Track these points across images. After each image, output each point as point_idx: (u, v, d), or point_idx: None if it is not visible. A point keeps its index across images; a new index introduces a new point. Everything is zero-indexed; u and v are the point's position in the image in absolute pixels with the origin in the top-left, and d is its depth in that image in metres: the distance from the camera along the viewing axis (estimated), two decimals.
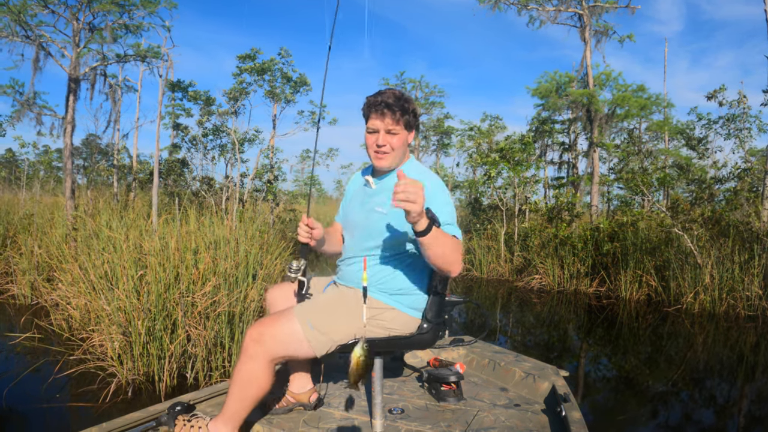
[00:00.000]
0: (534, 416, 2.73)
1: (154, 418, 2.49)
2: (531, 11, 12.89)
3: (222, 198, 13.09)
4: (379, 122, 2.27)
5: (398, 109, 2.25)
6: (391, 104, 2.24)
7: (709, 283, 8.22)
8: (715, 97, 12.61)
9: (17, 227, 8.08)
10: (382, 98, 2.25)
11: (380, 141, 2.28)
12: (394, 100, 2.26)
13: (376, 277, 2.35)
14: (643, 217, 10.60)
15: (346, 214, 2.60)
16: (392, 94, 2.27)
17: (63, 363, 4.28)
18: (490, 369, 3.44)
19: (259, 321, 2.26)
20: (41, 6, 7.75)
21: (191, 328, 4.17)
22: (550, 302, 8.86)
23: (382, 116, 2.25)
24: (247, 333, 2.20)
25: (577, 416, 2.50)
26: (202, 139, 13.74)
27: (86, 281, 4.63)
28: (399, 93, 2.30)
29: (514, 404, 2.90)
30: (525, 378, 3.17)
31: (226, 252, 4.87)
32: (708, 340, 6.51)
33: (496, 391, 3.13)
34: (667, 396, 4.49)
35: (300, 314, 2.25)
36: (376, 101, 2.26)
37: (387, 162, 2.33)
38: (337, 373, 3.27)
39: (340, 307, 2.32)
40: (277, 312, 2.34)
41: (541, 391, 3.03)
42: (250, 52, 11.86)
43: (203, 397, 2.80)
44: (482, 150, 15.85)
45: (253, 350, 2.17)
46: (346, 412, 2.71)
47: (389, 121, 2.25)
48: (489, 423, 2.63)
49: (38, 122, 8.79)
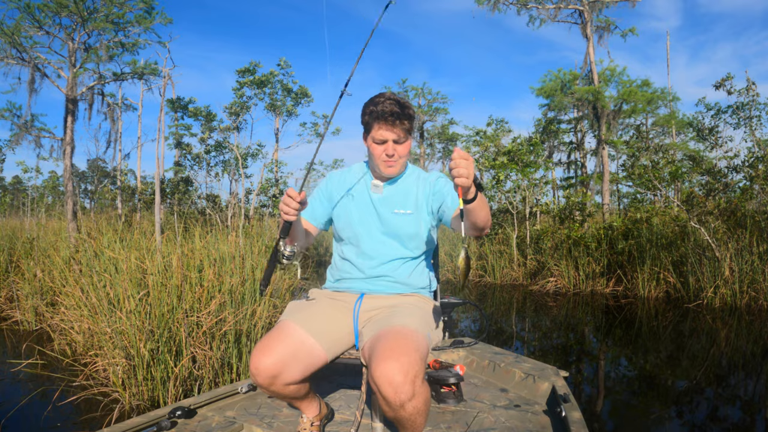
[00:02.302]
0: (534, 417, 2.74)
1: (154, 422, 2.47)
2: (531, 10, 12.77)
3: (228, 215, 12.97)
4: (388, 133, 2.25)
5: (405, 118, 2.25)
6: (398, 114, 2.22)
7: (729, 277, 8.10)
8: (723, 85, 12.43)
9: (20, 252, 7.98)
10: (389, 108, 2.21)
11: (390, 151, 2.28)
12: (400, 108, 2.23)
13: (404, 275, 2.40)
14: (657, 213, 10.43)
15: (348, 220, 2.44)
16: (395, 102, 2.24)
17: (65, 389, 4.12)
18: (490, 370, 3.45)
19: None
20: (35, 28, 7.68)
21: (196, 349, 4.00)
22: (566, 305, 8.67)
23: (391, 126, 2.23)
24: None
25: (578, 416, 2.50)
26: (205, 156, 13.65)
27: (88, 304, 4.48)
28: (400, 99, 2.28)
29: (514, 405, 2.91)
30: (525, 379, 3.18)
31: (231, 268, 4.71)
32: (731, 334, 6.37)
33: (496, 392, 3.14)
34: (692, 394, 4.38)
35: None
36: (383, 111, 2.21)
37: (397, 170, 2.35)
38: (336, 375, 3.22)
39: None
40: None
41: (541, 392, 3.04)
42: (249, 66, 11.76)
43: (204, 401, 2.78)
44: (489, 154, 15.70)
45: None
46: (346, 416, 2.72)
47: (399, 132, 2.25)
48: (489, 424, 2.64)
49: (37, 145, 8.71)
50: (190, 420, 2.61)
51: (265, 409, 2.80)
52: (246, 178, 13.07)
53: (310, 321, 2.24)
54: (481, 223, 2.02)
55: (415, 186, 2.41)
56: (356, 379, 2.97)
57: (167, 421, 2.45)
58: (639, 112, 13.06)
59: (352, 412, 2.79)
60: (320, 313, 2.31)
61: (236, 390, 2.98)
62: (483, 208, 1.96)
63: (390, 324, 2.08)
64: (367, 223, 2.41)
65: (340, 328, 2.28)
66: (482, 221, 2.01)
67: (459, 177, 1.75)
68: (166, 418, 2.48)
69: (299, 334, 2.16)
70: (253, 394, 3.01)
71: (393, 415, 1.89)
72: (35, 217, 12.55)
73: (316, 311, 2.32)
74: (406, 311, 2.22)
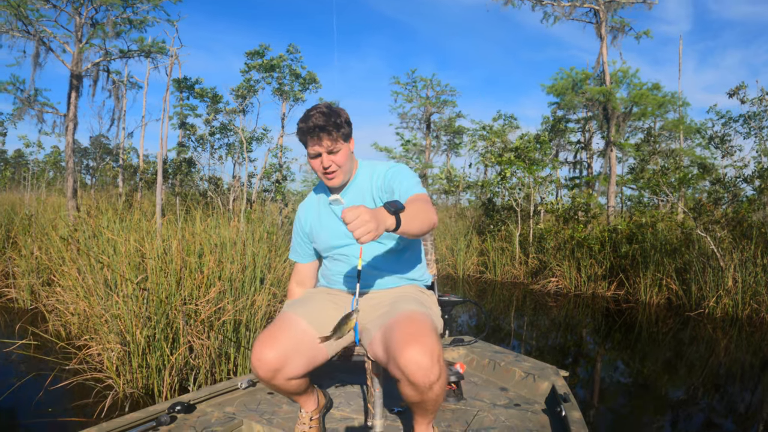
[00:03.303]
0: (534, 416, 2.75)
1: (153, 418, 2.48)
2: (546, 7, 12.60)
3: (229, 198, 12.86)
4: (318, 147, 2.26)
5: (332, 128, 2.24)
6: (323, 126, 2.22)
7: (732, 287, 8.01)
8: (737, 94, 12.32)
9: (18, 228, 7.88)
10: (313, 123, 2.22)
11: (325, 163, 2.29)
12: (324, 120, 2.22)
13: (394, 267, 2.41)
14: (663, 218, 10.34)
15: (328, 243, 2.49)
16: (320, 115, 2.23)
17: (58, 374, 4.03)
18: (490, 369, 3.46)
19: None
20: (42, 1, 7.53)
21: (194, 338, 3.91)
22: (566, 306, 8.62)
23: (319, 140, 2.24)
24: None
25: (577, 416, 2.51)
26: (209, 138, 13.52)
27: (84, 286, 4.39)
28: (326, 109, 2.27)
29: (514, 404, 2.92)
30: (525, 378, 3.19)
31: (232, 255, 4.62)
32: (731, 345, 6.34)
33: (496, 391, 3.15)
34: (687, 403, 4.37)
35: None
36: (308, 127, 2.23)
37: (339, 179, 2.35)
38: (336, 372, 3.26)
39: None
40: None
41: (541, 391, 3.05)
42: (258, 49, 11.60)
43: (203, 396, 2.78)
44: (495, 150, 15.58)
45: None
46: (346, 412, 2.73)
47: (327, 143, 2.25)
48: (489, 423, 2.65)
49: (40, 120, 8.57)
50: (190, 415, 2.60)
51: (265, 405, 2.79)
52: (250, 162, 12.94)
53: (312, 314, 2.25)
54: (418, 230, 1.97)
55: (369, 182, 2.41)
56: (354, 376, 2.92)
57: (166, 416, 2.45)
58: (648, 115, 12.94)
59: (352, 408, 2.79)
60: (321, 307, 2.32)
61: (236, 386, 2.97)
62: (412, 222, 1.92)
63: (398, 312, 2.08)
64: (340, 237, 2.43)
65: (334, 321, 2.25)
66: (418, 229, 1.96)
67: (365, 236, 1.71)
68: (166, 413, 2.48)
69: (303, 326, 2.17)
70: (253, 389, 3.00)
71: (419, 399, 1.92)
72: (36, 192, 12.43)
73: (317, 305, 2.32)
74: (408, 299, 2.23)
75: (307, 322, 2.18)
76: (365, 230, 1.69)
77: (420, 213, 1.98)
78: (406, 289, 2.40)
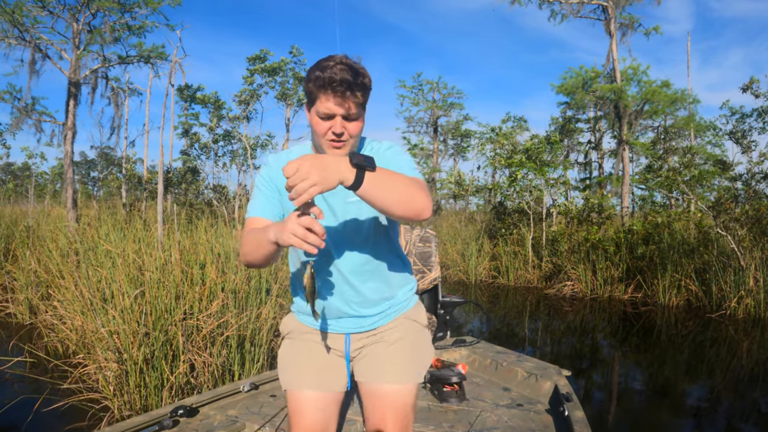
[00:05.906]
0: (537, 416, 2.75)
1: (156, 421, 2.45)
2: (553, 5, 12.38)
3: (234, 206, 12.68)
4: (336, 107, 1.68)
5: (359, 89, 1.67)
6: (350, 82, 1.65)
7: (753, 287, 7.86)
8: (750, 88, 12.09)
9: (18, 241, 7.71)
10: (339, 74, 1.64)
11: (338, 128, 1.70)
12: (353, 75, 1.66)
13: (385, 276, 1.92)
14: (680, 218, 10.08)
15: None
16: (348, 67, 1.66)
17: (52, 393, 3.81)
18: (492, 369, 3.45)
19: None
20: (38, 8, 7.37)
21: (195, 355, 3.68)
22: (582, 310, 8.40)
23: (342, 99, 1.66)
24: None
25: (580, 416, 2.50)
26: (213, 146, 13.37)
27: (81, 300, 4.17)
28: (354, 64, 1.70)
29: (516, 404, 2.92)
30: (527, 378, 3.19)
31: (236, 265, 4.40)
32: (753, 347, 6.20)
33: (499, 391, 3.15)
34: (709, 407, 4.28)
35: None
36: (332, 79, 1.64)
37: (345, 152, 1.75)
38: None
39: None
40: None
41: (544, 391, 3.04)
42: (260, 53, 11.45)
43: (206, 400, 2.75)
44: (504, 152, 15.34)
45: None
46: (348, 413, 2.70)
47: (350, 105, 1.68)
48: (492, 423, 2.65)
49: (38, 129, 8.43)
50: (192, 419, 2.58)
51: (267, 408, 2.77)
52: (254, 169, 12.77)
53: (310, 376, 1.92)
54: (391, 203, 1.54)
55: None
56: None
57: (169, 420, 2.44)
58: (660, 112, 12.71)
59: (353, 410, 2.78)
60: (312, 364, 1.94)
61: (238, 389, 2.93)
62: (383, 188, 1.51)
63: (382, 380, 1.87)
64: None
65: (334, 371, 1.95)
66: (391, 202, 1.54)
67: (303, 195, 1.34)
68: (168, 417, 2.47)
69: (315, 398, 1.92)
70: (255, 393, 2.98)
71: None
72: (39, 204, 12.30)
73: (308, 363, 1.95)
74: (398, 354, 1.90)
75: (310, 390, 1.90)
76: (305, 185, 1.32)
77: (400, 186, 1.55)
78: (399, 331, 1.94)
